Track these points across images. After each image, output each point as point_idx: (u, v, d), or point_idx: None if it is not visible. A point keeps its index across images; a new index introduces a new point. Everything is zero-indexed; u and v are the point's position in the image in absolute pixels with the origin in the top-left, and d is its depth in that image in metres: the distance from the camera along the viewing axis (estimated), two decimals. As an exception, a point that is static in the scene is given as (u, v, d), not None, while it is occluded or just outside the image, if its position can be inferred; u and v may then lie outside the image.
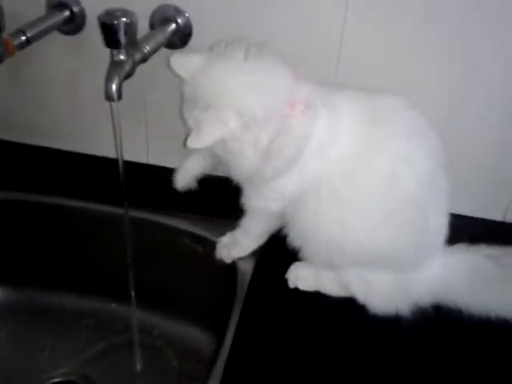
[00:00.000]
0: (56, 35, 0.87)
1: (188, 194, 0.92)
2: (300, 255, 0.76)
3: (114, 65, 0.69)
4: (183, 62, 0.71)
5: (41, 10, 0.86)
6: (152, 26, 0.84)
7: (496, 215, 0.92)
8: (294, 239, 0.75)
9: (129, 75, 0.71)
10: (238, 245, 0.83)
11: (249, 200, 0.77)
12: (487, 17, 0.76)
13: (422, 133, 0.71)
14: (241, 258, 0.83)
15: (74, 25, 0.87)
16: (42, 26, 0.81)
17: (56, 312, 0.99)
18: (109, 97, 0.67)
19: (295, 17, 0.80)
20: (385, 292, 0.74)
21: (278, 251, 0.79)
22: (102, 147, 0.99)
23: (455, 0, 0.75)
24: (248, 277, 0.80)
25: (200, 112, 0.66)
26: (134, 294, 0.88)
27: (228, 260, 0.83)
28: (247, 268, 0.81)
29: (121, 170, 0.77)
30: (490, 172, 0.88)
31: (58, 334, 0.97)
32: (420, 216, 0.70)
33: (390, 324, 0.73)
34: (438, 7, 0.76)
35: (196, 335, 0.95)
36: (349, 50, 0.81)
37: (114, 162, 0.90)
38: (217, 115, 0.65)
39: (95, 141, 1.00)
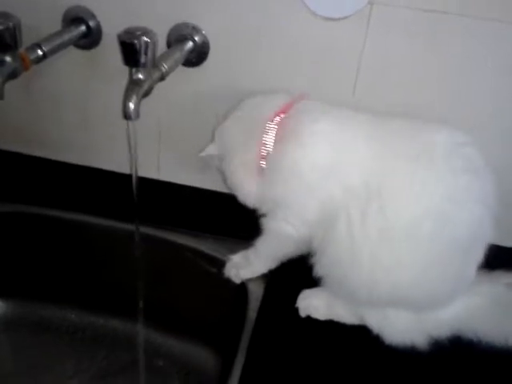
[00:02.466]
0: (71, 49, 0.87)
1: (200, 211, 0.92)
2: (319, 283, 0.74)
3: (133, 83, 0.68)
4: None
5: (57, 24, 0.86)
6: (169, 44, 0.83)
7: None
8: (320, 270, 0.72)
9: (147, 94, 0.70)
10: (248, 265, 0.81)
11: (266, 220, 0.76)
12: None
13: (473, 172, 0.67)
14: (251, 280, 0.82)
15: (89, 39, 0.86)
16: (58, 41, 0.81)
17: (60, 327, 0.98)
18: (127, 115, 0.67)
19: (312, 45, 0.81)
20: (402, 327, 0.72)
21: (290, 273, 0.78)
22: (113, 162, 0.99)
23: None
24: (259, 299, 0.79)
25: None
26: (141, 311, 0.86)
27: (236, 280, 0.82)
28: (258, 290, 0.80)
29: (134, 187, 0.76)
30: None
31: (61, 350, 0.96)
32: (462, 263, 0.68)
33: (406, 355, 0.71)
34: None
35: (201, 356, 0.93)
36: (367, 72, 0.81)
37: (125, 176, 0.90)
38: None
39: (106, 155, 0.99)
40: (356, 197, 0.67)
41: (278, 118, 0.73)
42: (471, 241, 0.67)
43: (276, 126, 0.73)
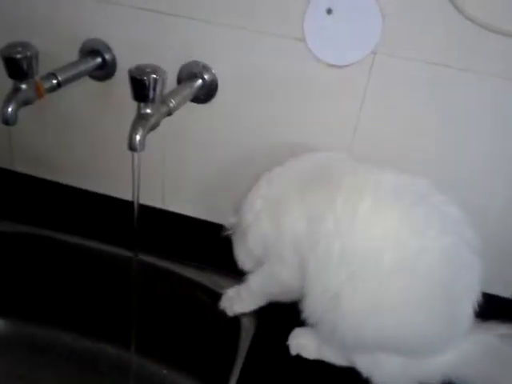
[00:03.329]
0: (85, 79, 0.90)
1: (200, 244, 0.93)
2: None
3: (140, 117, 0.71)
4: None
5: (75, 53, 0.89)
6: (179, 80, 0.87)
7: (504, 292, 0.92)
8: (307, 314, 0.72)
9: (153, 127, 0.73)
10: (240, 300, 0.83)
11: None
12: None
13: (429, 205, 0.69)
14: (244, 315, 0.83)
15: (104, 71, 0.90)
16: (73, 71, 0.84)
17: (56, 350, 0.99)
18: (132, 147, 0.69)
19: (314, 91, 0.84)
20: (392, 372, 0.72)
21: (283, 310, 0.79)
22: (119, 189, 1.01)
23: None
24: (251, 334, 0.80)
25: None
26: (134, 338, 0.87)
27: (230, 313, 0.83)
28: (250, 325, 0.81)
29: (135, 216, 0.78)
30: (499, 250, 0.88)
31: (54, 372, 0.97)
32: (446, 301, 0.67)
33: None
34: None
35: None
36: (367, 119, 0.84)
37: (129, 204, 0.92)
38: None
39: (112, 182, 1.01)
40: (318, 238, 0.69)
41: None
42: (449, 273, 0.66)
43: None
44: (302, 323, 0.75)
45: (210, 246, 0.92)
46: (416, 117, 0.81)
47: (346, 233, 0.67)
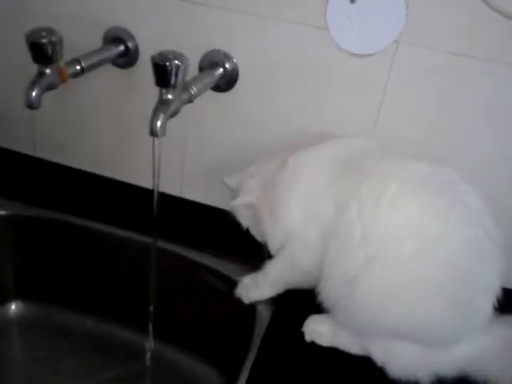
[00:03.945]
0: (108, 67, 0.91)
1: (220, 231, 0.94)
2: (323, 310, 0.75)
3: (162, 103, 0.72)
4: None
5: (98, 41, 0.90)
6: (201, 69, 0.87)
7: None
8: (323, 298, 0.73)
9: (174, 114, 0.73)
10: (256, 287, 0.83)
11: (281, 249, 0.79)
12: None
13: (453, 193, 0.68)
14: (260, 302, 0.83)
15: (127, 59, 0.91)
16: (96, 58, 0.85)
17: (74, 333, 1.01)
18: (153, 132, 0.70)
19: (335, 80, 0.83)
20: (406, 361, 0.72)
21: (300, 297, 0.79)
22: (138, 176, 1.02)
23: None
24: (266, 322, 0.80)
25: None
26: (152, 324, 0.88)
27: (246, 300, 0.84)
28: (266, 313, 0.81)
29: (155, 201, 0.78)
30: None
31: (72, 355, 0.99)
32: (465, 291, 0.67)
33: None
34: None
35: (206, 372, 0.95)
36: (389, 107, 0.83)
37: (148, 191, 0.93)
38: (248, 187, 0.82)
39: (132, 170, 1.03)
40: (342, 222, 0.69)
41: None
42: (469, 263, 0.66)
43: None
44: (317, 310, 0.75)
45: (227, 234, 0.92)
46: (438, 107, 0.81)
47: (368, 218, 0.67)
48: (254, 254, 0.85)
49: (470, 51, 0.76)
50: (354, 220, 0.68)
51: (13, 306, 1.03)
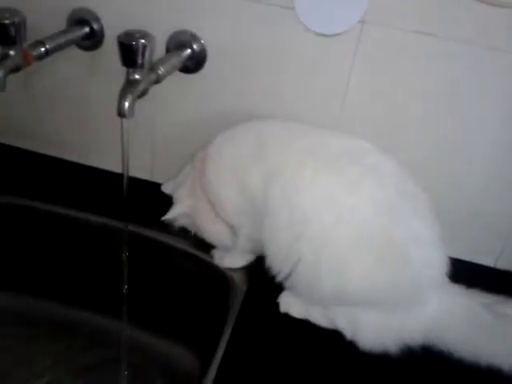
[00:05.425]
0: (72, 49, 0.89)
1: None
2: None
3: (129, 83, 0.71)
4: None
5: (62, 24, 0.89)
6: (168, 50, 0.87)
7: (488, 261, 0.94)
8: (275, 274, 0.77)
9: (142, 94, 0.73)
10: (228, 255, 0.86)
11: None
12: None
13: (373, 170, 0.73)
14: (236, 275, 0.85)
15: (92, 41, 0.89)
16: (61, 40, 0.83)
17: (47, 321, 0.99)
18: (121, 113, 0.69)
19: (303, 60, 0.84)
20: (373, 331, 0.74)
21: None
22: (107, 161, 1.01)
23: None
24: (240, 299, 0.81)
25: None
26: (125, 309, 0.88)
27: (221, 264, 0.87)
28: (240, 290, 0.82)
29: (125, 185, 0.78)
30: (484, 220, 0.91)
31: (47, 344, 0.97)
32: (388, 244, 0.70)
33: (378, 360, 0.73)
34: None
35: (183, 356, 0.95)
36: (355, 89, 0.84)
37: (118, 176, 0.92)
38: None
39: (100, 154, 1.02)
40: (269, 203, 0.74)
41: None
42: (385, 221, 0.70)
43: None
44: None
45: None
46: (403, 87, 0.82)
47: (292, 197, 0.72)
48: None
49: (433, 30, 0.77)
50: (280, 198, 0.72)
51: (-19, 296, 1.01)
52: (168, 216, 0.85)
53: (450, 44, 0.77)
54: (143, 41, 0.69)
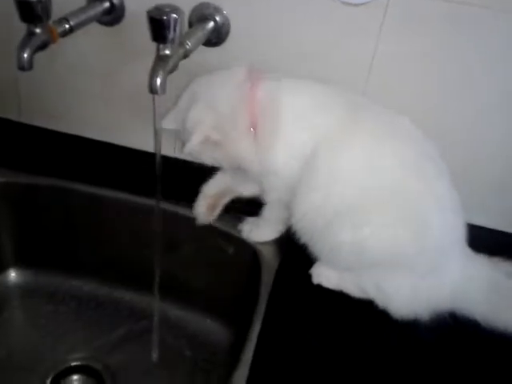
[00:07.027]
0: (94, 25, 0.88)
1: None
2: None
3: (160, 59, 0.70)
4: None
5: (81, 1, 0.87)
6: (190, 24, 0.85)
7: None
8: (299, 233, 0.79)
9: (172, 70, 0.72)
10: (258, 228, 0.87)
11: (264, 194, 0.84)
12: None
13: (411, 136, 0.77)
14: (266, 256, 0.85)
15: (112, 16, 0.88)
16: (83, 16, 0.82)
17: (76, 297, 1.01)
18: (153, 90, 0.68)
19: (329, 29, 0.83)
20: (402, 298, 0.75)
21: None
22: (133, 139, 1.01)
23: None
24: (272, 274, 0.81)
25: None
26: (157, 284, 0.88)
27: (249, 238, 0.87)
28: (272, 266, 0.83)
29: (157, 162, 0.77)
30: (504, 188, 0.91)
31: (76, 320, 0.99)
32: (410, 205, 0.72)
33: (409, 328, 0.74)
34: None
35: (213, 328, 0.97)
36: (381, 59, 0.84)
37: (144, 154, 0.91)
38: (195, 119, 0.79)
39: (125, 132, 1.01)
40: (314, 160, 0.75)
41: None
42: (410, 182, 0.73)
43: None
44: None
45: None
46: (432, 57, 0.81)
47: (332, 159, 0.74)
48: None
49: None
50: (322, 159, 0.74)
51: (12, 274, 1.02)
52: (189, 147, 0.78)
53: (484, 11, 0.76)
54: (174, 15, 0.68)
